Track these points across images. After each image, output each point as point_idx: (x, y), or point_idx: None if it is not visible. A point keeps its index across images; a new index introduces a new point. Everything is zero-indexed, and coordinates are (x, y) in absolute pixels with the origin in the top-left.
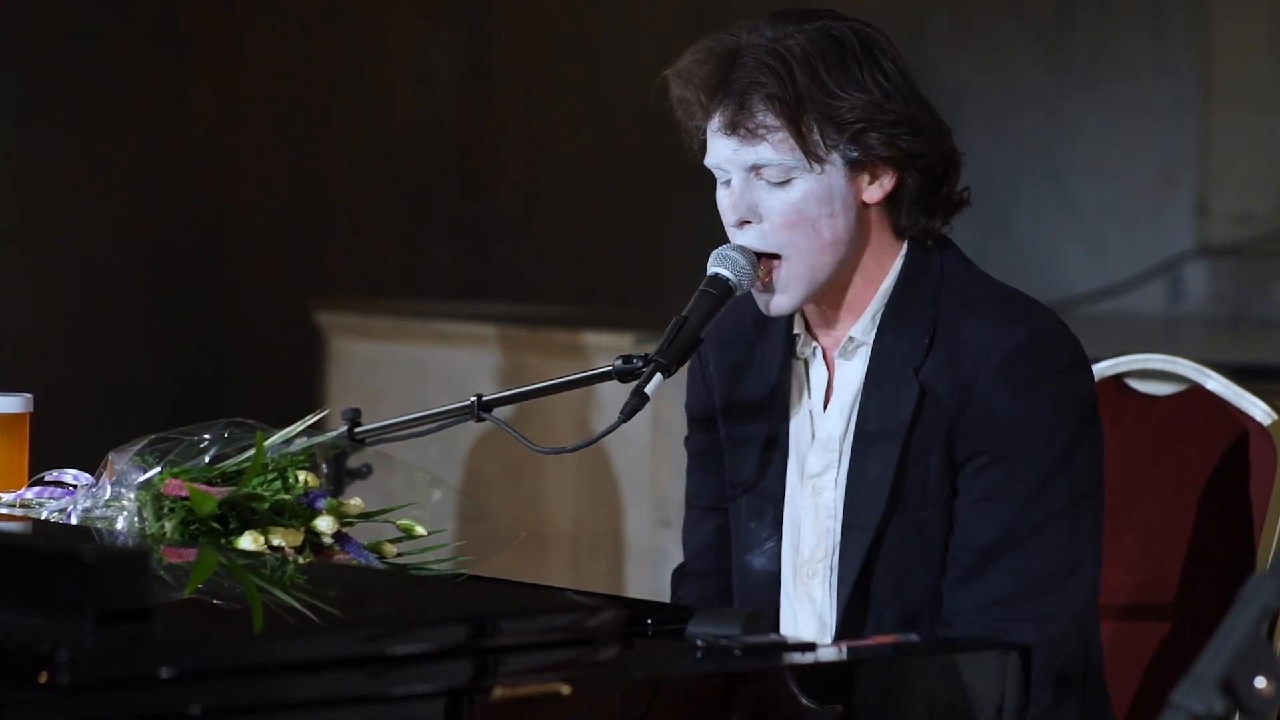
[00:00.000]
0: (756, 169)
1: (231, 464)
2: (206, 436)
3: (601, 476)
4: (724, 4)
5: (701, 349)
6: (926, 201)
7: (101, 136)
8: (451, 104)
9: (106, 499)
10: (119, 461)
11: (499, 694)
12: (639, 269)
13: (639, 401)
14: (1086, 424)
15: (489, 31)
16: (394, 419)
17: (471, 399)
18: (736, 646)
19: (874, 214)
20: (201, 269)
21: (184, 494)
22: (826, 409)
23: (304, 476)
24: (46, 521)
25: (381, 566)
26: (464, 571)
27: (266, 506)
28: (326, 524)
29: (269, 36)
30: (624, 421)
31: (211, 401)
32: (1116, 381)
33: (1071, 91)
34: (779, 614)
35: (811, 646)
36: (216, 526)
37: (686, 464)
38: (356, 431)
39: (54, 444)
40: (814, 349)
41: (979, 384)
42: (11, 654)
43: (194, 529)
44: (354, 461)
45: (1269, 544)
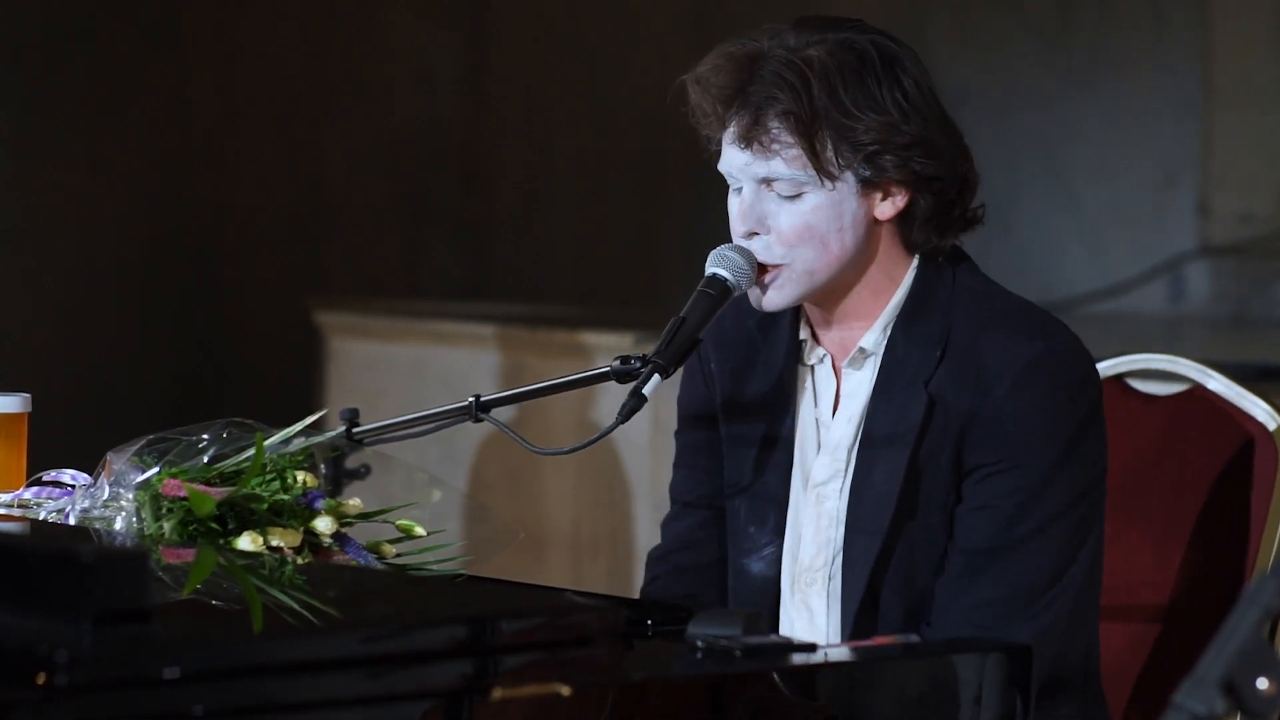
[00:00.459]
0: (768, 181)
1: (230, 464)
2: (205, 437)
3: (601, 477)
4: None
5: (702, 347)
6: (939, 221)
7: (100, 136)
8: (451, 104)
9: (105, 499)
10: (117, 462)
11: (498, 695)
12: (639, 269)
13: (637, 402)
14: (1088, 436)
15: (489, 31)
16: (392, 419)
17: (470, 399)
18: (736, 647)
19: (885, 230)
20: (201, 269)
21: (182, 494)
22: (834, 417)
23: (303, 477)
24: (44, 522)
25: (380, 567)
26: (463, 572)
27: (265, 507)
28: (325, 524)
29: (268, 36)
30: (622, 422)
31: (210, 401)
32: (1118, 381)
33: (1072, 91)
34: (778, 620)
35: (812, 648)
36: (215, 527)
37: (674, 458)
38: (355, 432)
39: (52, 444)
40: (821, 355)
41: (993, 396)
42: (9, 655)
43: (192, 529)
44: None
45: (1270, 545)
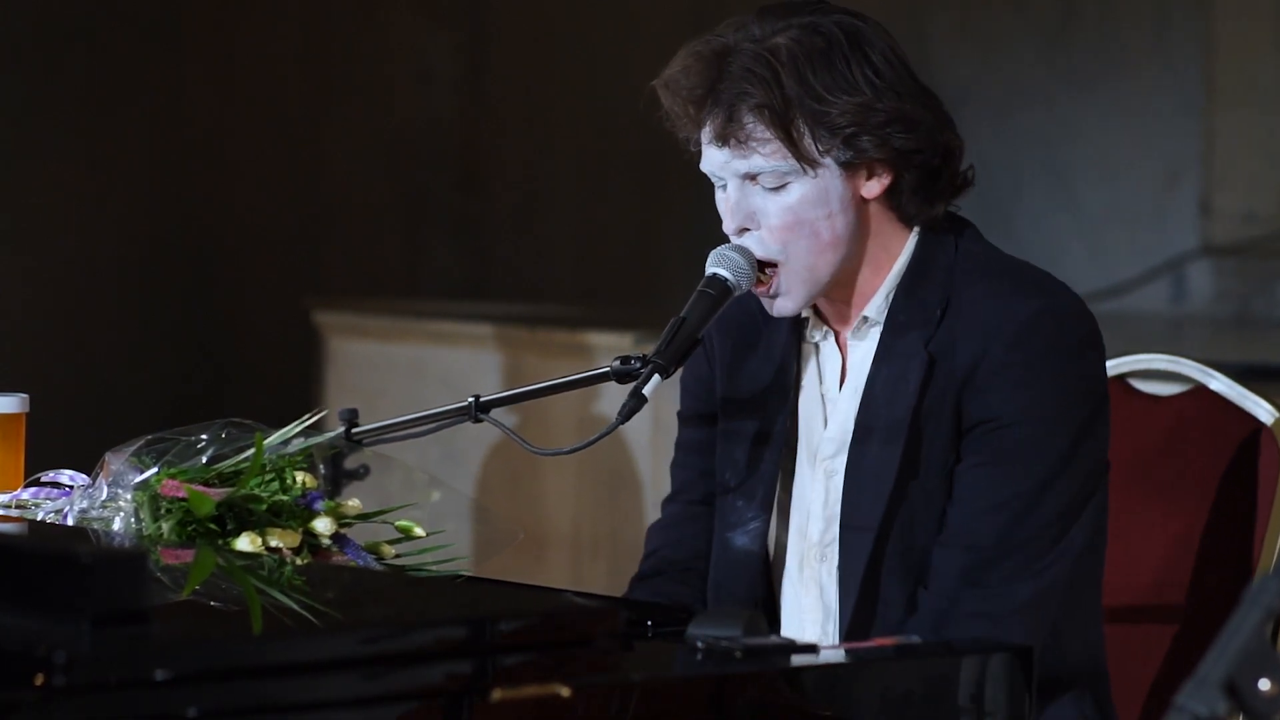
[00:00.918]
0: (751, 176)
1: (229, 464)
2: (204, 437)
3: (601, 477)
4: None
5: (707, 330)
6: (926, 191)
7: (99, 136)
8: (451, 104)
9: (103, 500)
10: (115, 462)
11: (498, 696)
12: (639, 269)
13: (637, 403)
14: (1089, 400)
15: (489, 31)
16: (392, 420)
17: (470, 399)
18: (737, 648)
19: (875, 207)
20: (200, 269)
21: (181, 495)
22: (841, 390)
23: (302, 477)
24: (43, 522)
25: (380, 568)
26: (463, 572)
27: (264, 507)
28: (324, 525)
29: (267, 36)
30: (622, 423)
31: (209, 402)
32: (1120, 382)
33: (1074, 90)
34: (758, 595)
35: (813, 648)
36: (214, 527)
37: (676, 440)
38: (354, 432)
39: (50, 444)
40: (825, 332)
41: (990, 353)
42: (8, 656)
43: (191, 530)
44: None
45: (1273, 545)
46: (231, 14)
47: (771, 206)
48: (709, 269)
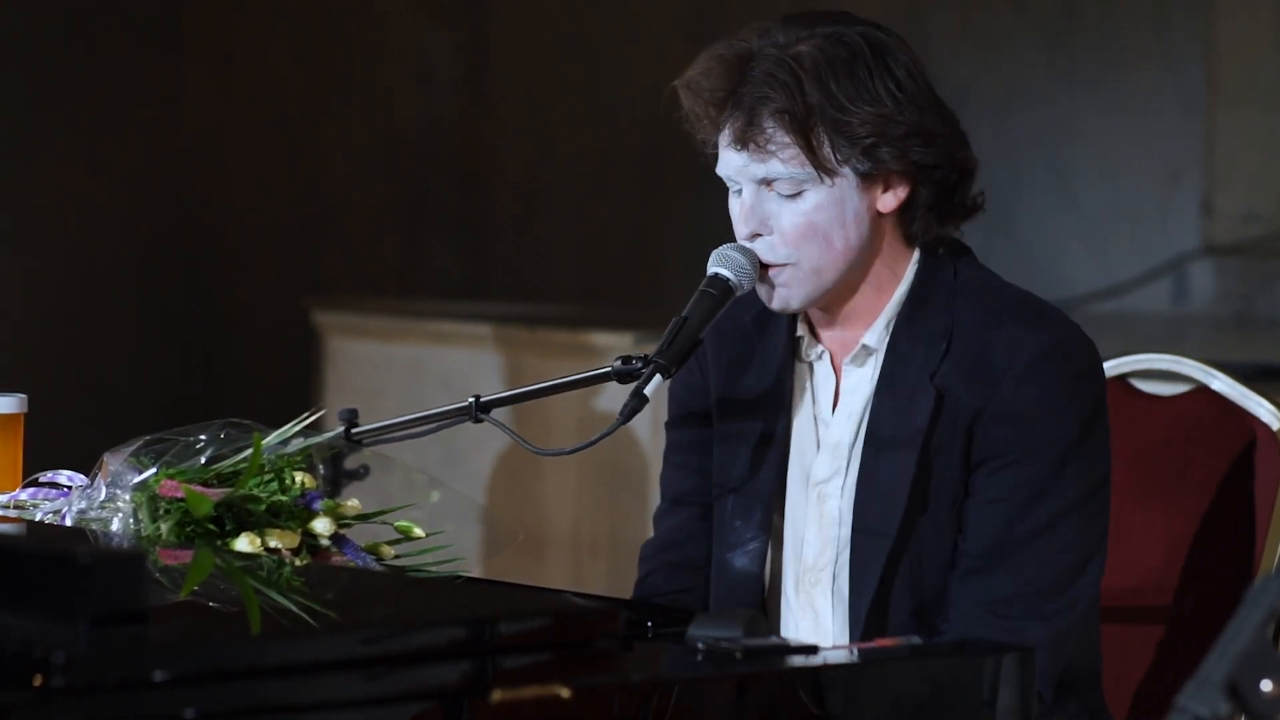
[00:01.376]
0: (768, 182)
1: (228, 465)
2: (202, 437)
3: (601, 478)
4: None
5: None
6: (940, 210)
7: (99, 136)
8: (451, 104)
9: (101, 500)
10: (114, 462)
11: (497, 697)
12: (639, 269)
13: (638, 403)
14: (1097, 427)
15: (489, 31)
16: (391, 420)
17: (470, 400)
18: (737, 649)
19: (887, 223)
20: (198, 268)
21: (180, 495)
22: (834, 414)
23: (301, 477)
24: (41, 523)
25: (379, 568)
26: (462, 573)
27: (263, 508)
28: (323, 525)
29: (267, 36)
30: (623, 423)
31: (208, 402)
32: (1121, 382)
33: (1075, 89)
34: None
35: (813, 649)
36: (213, 528)
37: (665, 451)
38: (353, 432)
39: (49, 444)
40: (820, 353)
41: (1003, 387)
42: (6, 657)
43: (190, 530)
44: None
45: (1275, 545)
46: (231, 14)
47: (785, 213)
48: (711, 269)
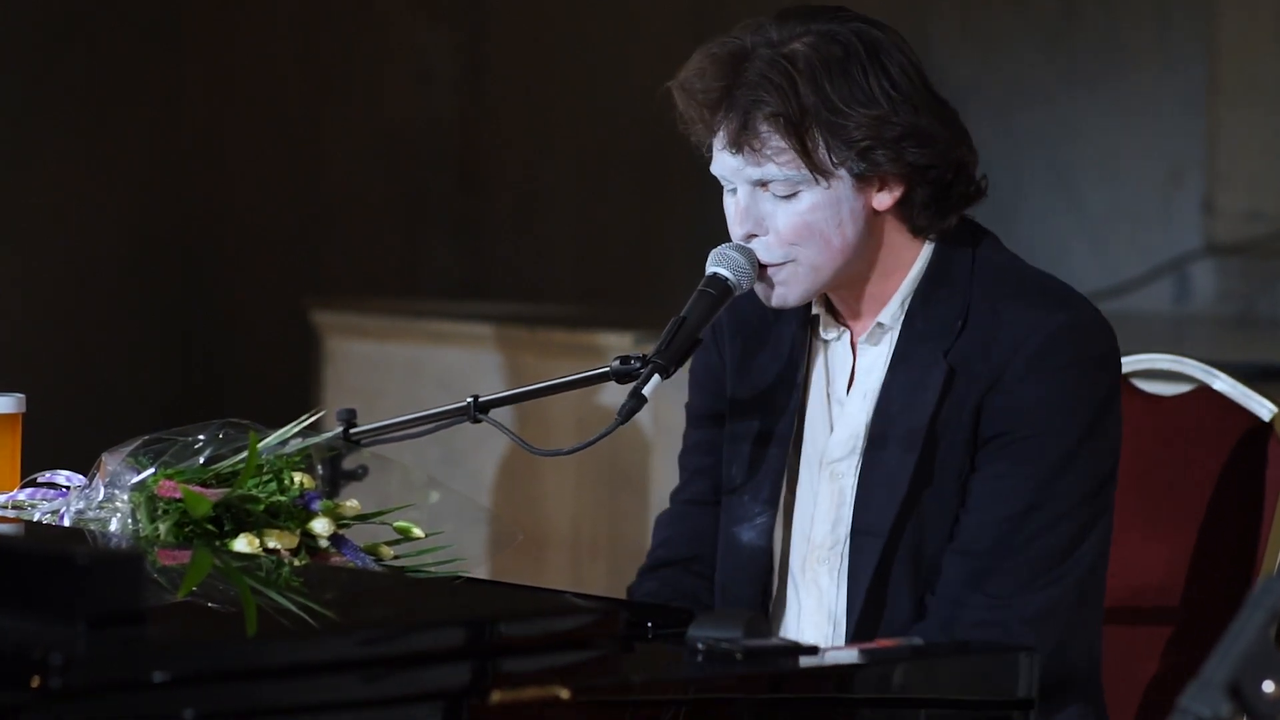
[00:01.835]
0: (763, 183)
1: (226, 465)
2: (201, 437)
3: (601, 478)
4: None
5: (717, 319)
6: (938, 205)
7: (98, 136)
8: (450, 103)
9: (100, 500)
10: (112, 462)
11: (497, 698)
12: (640, 269)
13: (637, 403)
14: (1107, 414)
15: (488, 31)
16: (390, 420)
17: (469, 400)
18: (738, 650)
19: (886, 219)
20: (198, 268)
21: (178, 496)
22: (849, 393)
23: (299, 478)
24: (39, 523)
25: (378, 569)
26: (462, 574)
27: (261, 508)
28: (322, 526)
29: (266, 35)
30: (622, 423)
31: (207, 402)
32: (1123, 382)
33: (1077, 89)
34: (765, 592)
35: (814, 650)
36: (211, 528)
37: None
38: (352, 432)
39: (47, 445)
40: (840, 332)
41: (1013, 366)
42: (3, 658)
43: (188, 531)
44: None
45: (1276, 546)
46: (231, 14)
47: (781, 213)
48: (709, 268)
